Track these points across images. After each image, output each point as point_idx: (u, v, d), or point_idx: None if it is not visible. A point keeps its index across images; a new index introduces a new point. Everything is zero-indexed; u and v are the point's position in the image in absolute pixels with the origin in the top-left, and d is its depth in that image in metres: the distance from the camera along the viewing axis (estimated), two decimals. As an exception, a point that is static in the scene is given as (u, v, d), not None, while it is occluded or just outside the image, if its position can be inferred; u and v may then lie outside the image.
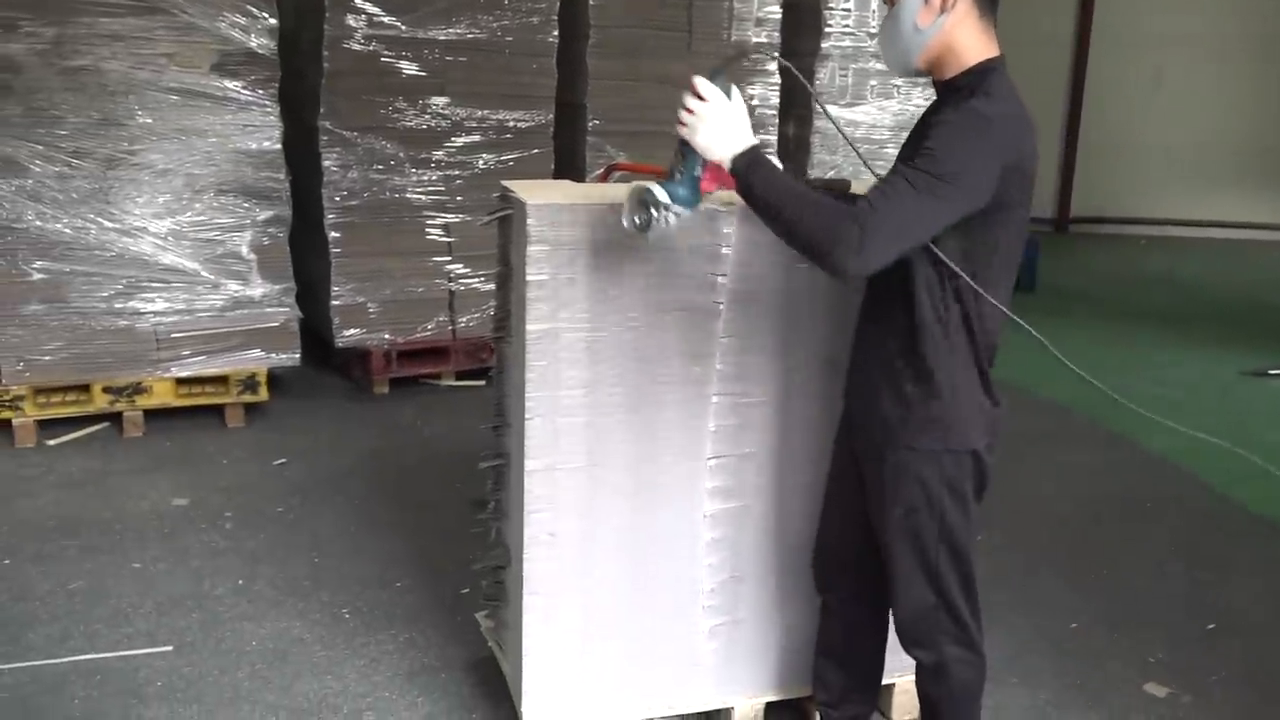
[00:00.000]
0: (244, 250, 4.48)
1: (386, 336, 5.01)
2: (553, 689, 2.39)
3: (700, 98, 1.87)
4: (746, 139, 1.88)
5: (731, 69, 1.96)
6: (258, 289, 4.53)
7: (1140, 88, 10.31)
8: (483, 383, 5.07)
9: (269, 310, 4.57)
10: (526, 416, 2.21)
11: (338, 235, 4.85)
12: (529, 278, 2.15)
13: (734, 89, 1.91)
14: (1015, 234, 1.97)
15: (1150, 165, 10.45)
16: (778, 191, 1.85)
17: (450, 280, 5.09)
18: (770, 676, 2.53)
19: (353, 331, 4.96)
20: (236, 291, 4.49)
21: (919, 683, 2.26)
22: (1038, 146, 1.96)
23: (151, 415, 4.46)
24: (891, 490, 2.05)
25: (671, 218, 1.92)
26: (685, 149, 1.91)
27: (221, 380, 4.55)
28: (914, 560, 2.08)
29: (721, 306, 2.28)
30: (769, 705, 2.57)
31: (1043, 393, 4.97)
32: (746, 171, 1.85)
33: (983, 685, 2.21)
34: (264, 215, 4.50)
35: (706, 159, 1.90)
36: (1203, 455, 4.36)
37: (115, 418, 4.44)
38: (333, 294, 4.88)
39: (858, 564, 2.26)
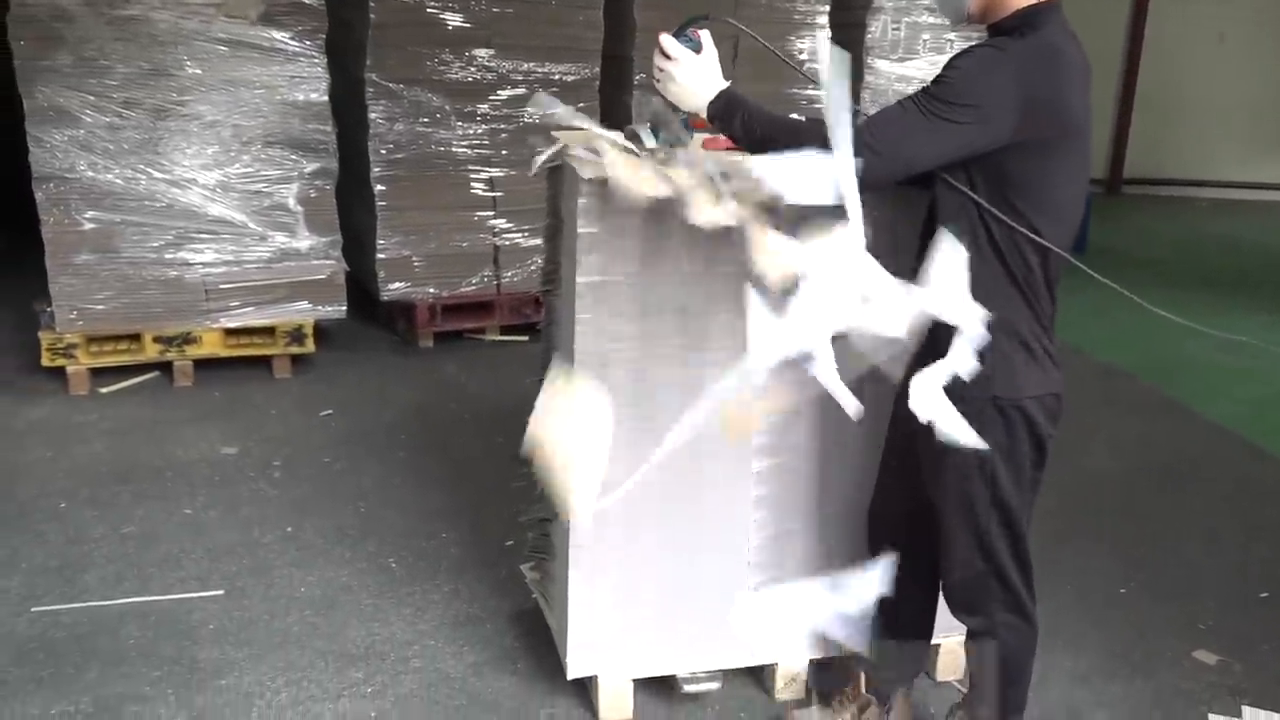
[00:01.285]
0: (291, 202, 4.50)
1: (431, 290, 5.03)
2: (597, 641, 2.41)
3: (667, 56, 1.96)
4: (715, 86, 1.95)
5: (704, 25, 2.03)
6: (304, 241, 4.55)
7: (1202, 45, 9.98)
8: (526, 338, 5.08)
9: (315, 262, 4.59)
10: (575, 369, 2.20)
11: (383, 188, 4.85)
12: (580, 230, 2.13)
13: (705, 40, 1.98)
14: (1064, 179, 1.91)
15: (1210, 125, 10.14)
16: (763, 126, 1.93)
17: (495, 235, 5.08)
18: (813, 634, 2.53)
19: (398, 285, 4.97)
20: (283, 243, 4.51)
21: (967, 647, 2.24)
22: (1088, 91, 1.90)
23: (201, 365, 4.52)
24: (943, 453, 2.02)
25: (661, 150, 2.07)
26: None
27: (269, 332, 4.59)
28: (965, 525, 2.06)
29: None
30: (811, 663, 2.57)
31: (1097, 356, 4.88)
32: (725, 115, 1.95)
33: (1033, 652, 2.19)
34: (311, 168, 4.51)
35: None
36: (1259, 423, 4.26)
37: (165, 367, 4.50)
38: (378, 247, 4.90)
39: (910, 528, 2.24)
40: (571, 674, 2.44)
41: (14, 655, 2.63)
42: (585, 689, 2.51)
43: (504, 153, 5.00)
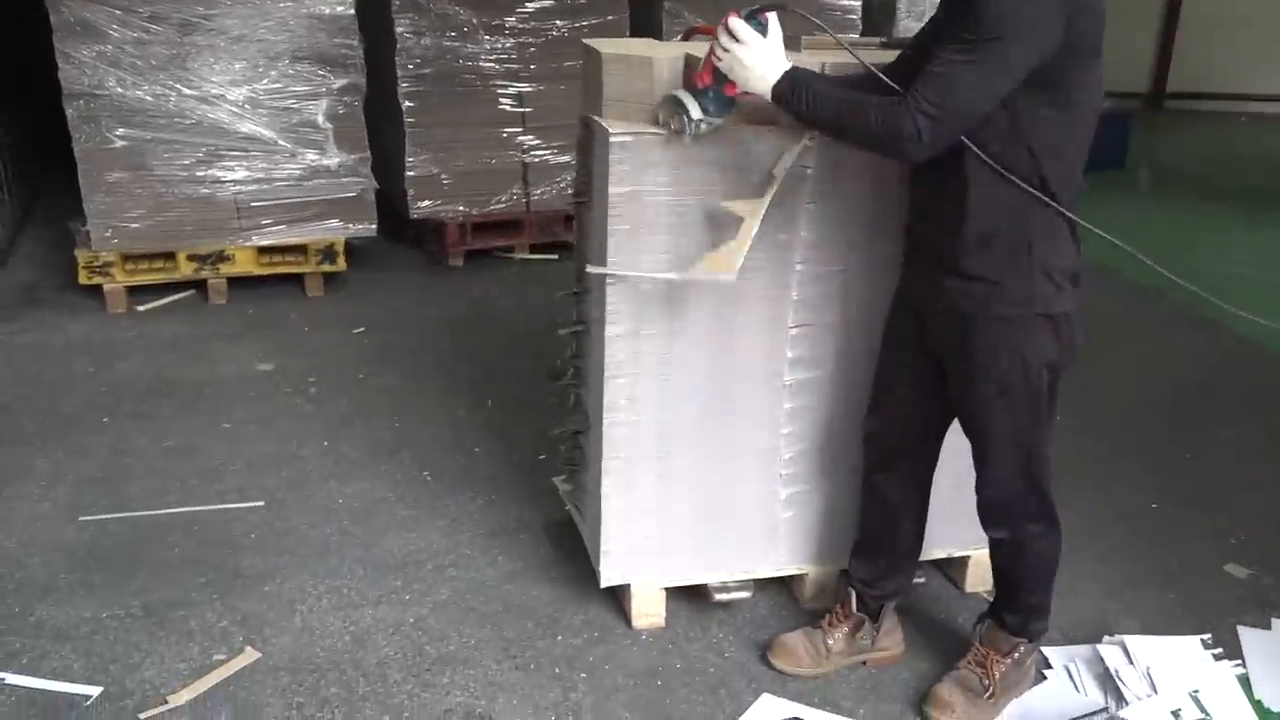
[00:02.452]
0: (319, 119, 4.48)
1: (461, 209, 5.02)
2: (630, 550, 2.44)
3: (735, 38, 1.89)
4: (780, 68, 1.89)
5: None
6: (334, 158, 4.54)
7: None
8: (556, 256, 5.07)
9: (345, 180, 4.58)
10: (608, 281, 2.20)
11: (411, 105, 4.81)
12: (612, 139, 2.11)
13: (772, 22, 1.92)
14: (1095, 82, 1.86)
15: (1253, 39, 9.79)
16: (828, 107, 1.88)
17: (524, 152, 5.04)
18: (844, 545, 2.55)
19: (427, 203, 4.97)
20: (313, 161, 4.50)
21: (994, 557, 2.26)
22: None
23: (234, 283, 4.56)
24: (981, 366, 2.01)
25: (704, 126, 2.02)
26: (718, 71, 1.94)
27: (301, 250, 4.61)
28: (1006, 438, 2.05)
29: (810, 171, 2.21)
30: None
31: (1130, 275, 4.80)
32: (791, 98, 1.89)
33: (1058, 559, 2.21)
34: (339, 83, 4.48)
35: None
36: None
37: (200, 285, 4.55)
38: (407, 165, 4.88)
39: (916, 448, 2.25)
40: (604, 582, 2.48)
41: (65, 562, 2.72)
42: (618, 597, 2.56)
43: (532, 68, 4.93)
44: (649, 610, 2.50)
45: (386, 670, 2.35)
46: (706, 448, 2.40)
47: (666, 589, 2.51)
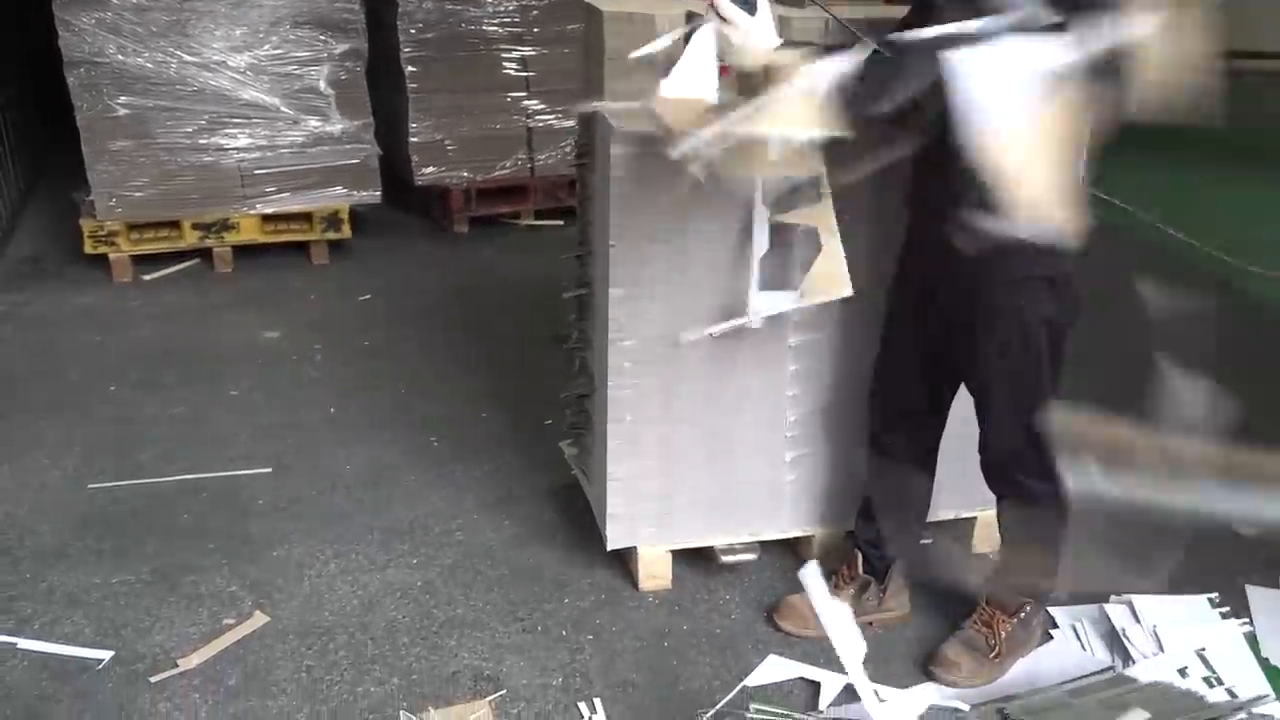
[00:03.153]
0: (322, 85, 4.45)
1: (465, 175, 4.99)
2: (635, 514, 2.45)
3: (723, 20, 1.84)
4: (771, 46, 1.83)
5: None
6: (337, 125, 4.51)
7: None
8: (561, 222, 5.05)
9: (349, 147, 4.56)
10: (611, 243, 2.18)
11: (414, 70, 4.77)
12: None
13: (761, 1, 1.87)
14: None
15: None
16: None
17: (528, 117, 5.00)
18: (849, 507, 2.55)
19: (431, 170, 4.94)
20: (316, 127, 4.48)
21: (1001, 516, 2.25)
22: None
23: (240, 252, 4.55)
24: (982, 327, 2.00)
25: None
26: None
27: (305, 218, 4.60)
28: (1007, 398, 2.04)
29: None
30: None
31: (1146, 233, 4.75)
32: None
33: (1066, 517, 2.20)
34: (340, 48, 4.44)
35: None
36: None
37: (205, 254, 4.54)
38: (410, 131, 4.85)
39: (923, 409, 2.24)
40: (610, 545, 2.49)
41: (74, 529, 2.74)
42: (624, 560, 2.56)
43: (535, 31, 4.88)
44: (655, 573, 2.51)
45: (395, 633, 2.37)
46: (711, 411, 2.39)
47: (672, 552, 2.52)
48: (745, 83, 1.96)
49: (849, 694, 2.18)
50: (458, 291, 4.35)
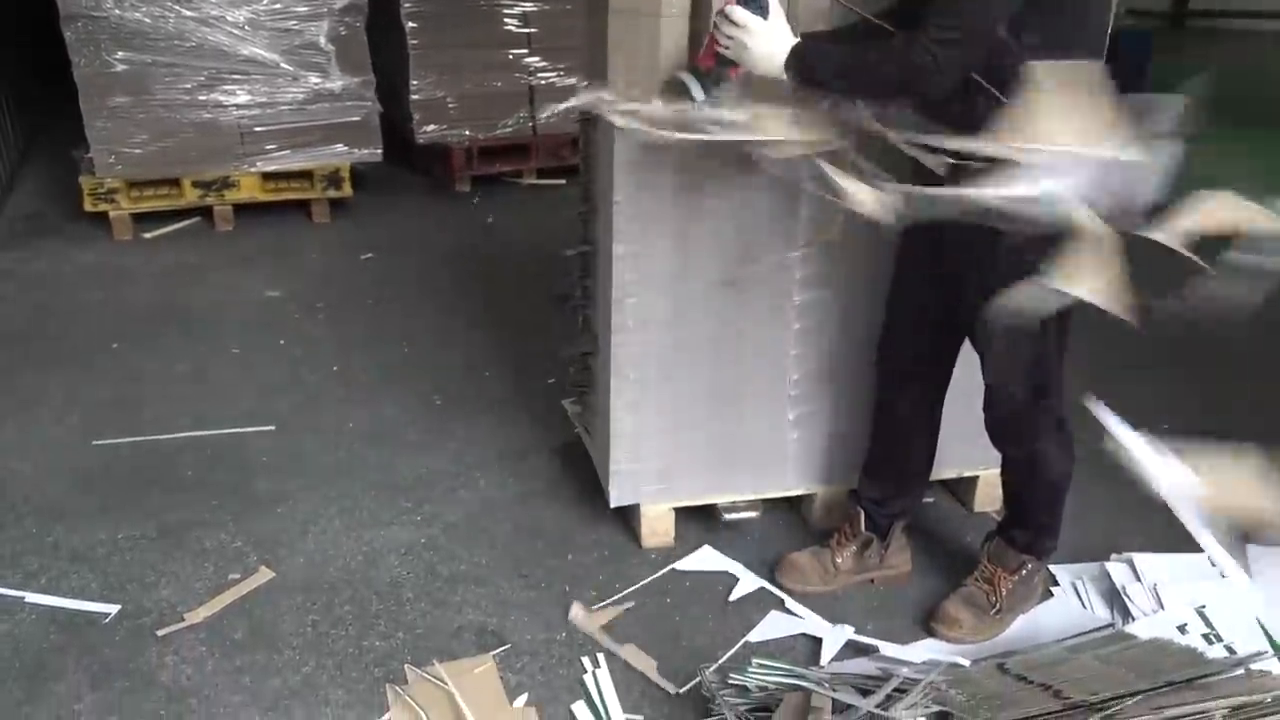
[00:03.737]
0: (321, 40, 4.40)
1: (466, 133, 4.96)
2: (639, 471, 2.45)
3: (735, 24, 1.85)
4: (786, 46, 1.85)
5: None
6: (337, 81, 4.47)
7: None
8: (563, 181, 5.02)
9: (349, 104, 4.52)
10: (615, 198, 2.16)
11: (415, 26, 4.72)
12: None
13: (773, 1, 1.86)
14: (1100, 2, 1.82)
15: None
16: (841, 69, 1.84)
17: (530, 74, 4.96)
18: (852, 466, 2.55)
19: (432, 128, 4.90)
20: (316, 84, 4.44)
21: (1005, 474, 2.25)
22: None
23: (240, 210, 4.53)
24: (986, 285, 1.98)
25: (708, 107, 1.96)
26: (720, 57, 1.91)
27: (306, 176, 4.57)
28: (1010, 356, 2.03)
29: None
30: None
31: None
32: (803, 71, 1.84)
33: (1070, 475, 2.20)
34: (340, 3, 4.40)
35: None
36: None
37: (206, 213, 4.52)
38: (411, 88, 4.80)
39: (928, 368, 2.23)
40: (614, 503, 2.49)
41: (80, 485, 2.75)
42: (627, 517, 2.57)
43: (538, -16, 4.82)
44: (658, 530, 2.51)
45: (399, 589, 2.38)
46: (715, 368, 2.39)
47: (675, 509, 2.52)
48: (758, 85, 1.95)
49: (850, 649, 2.20)
50: (460, 250, 4.34)
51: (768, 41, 1.85)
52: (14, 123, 5.24)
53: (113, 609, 2.30)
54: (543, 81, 4.97)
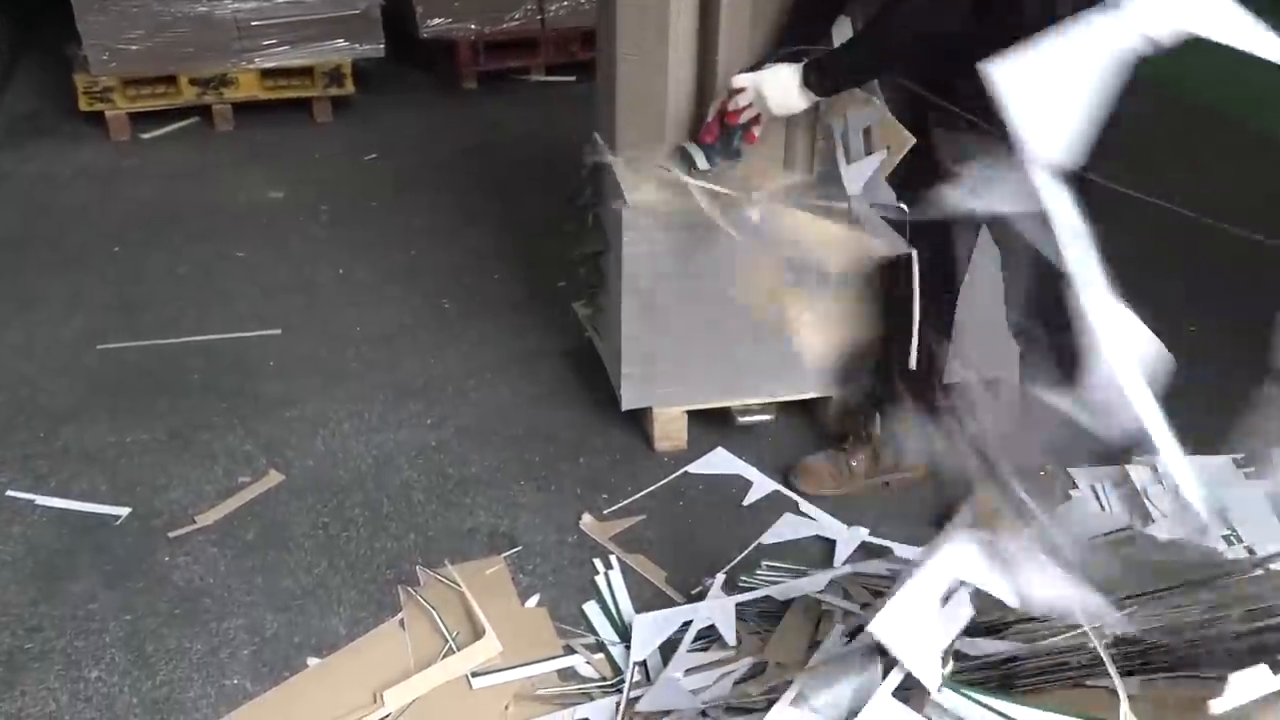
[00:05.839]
0: (318, -74, 4.21)
1: (472, 27, 4.78)
2: (650, 374, 2.41)
3: (745, 89, 1.94)
4: (795, 74, 1.90)
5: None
6: (336, -29, 4.29)
7: None
8: (573, 78, 4.86)
9: (349, -4, 4.35)
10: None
11: (415, -89, 4.51)
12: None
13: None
14: None
15: None
16: (861, 51, 1.91)
17: (537, -37, 4.76)
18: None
19: (437, 21, 4.73)
20: (314, -25, 4.27)
21: None
22: None
23: (240, 110, 4.40)
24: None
25: (711, 174, 2.08)
26: (724, 126, 2.03)
27: (306, 73, 4.43)
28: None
29: None
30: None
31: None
32: (821, 76, 1.90)
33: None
34: (337, -112, 4.19)
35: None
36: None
37: (205, 112, 4.39)
38: (413, -21, 4.62)
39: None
40: (625, 406, 2.46)
41: (86, 389, 2.72)
42: (639, 420, 2.54)
43: None
44: (671, 433, 2.48)
45: (410, 491, 2.37)
46: (728, 266, 2.32)
47: (688, 413, 2.49)
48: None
49: (864, 552, 2.19)
50: (466, 150, 4.22)
51: (775, 82, 1.93)
52: (4, 16, 5.08)
53: (123, 511, 2.29)
54: (549, -28, 4.78)
